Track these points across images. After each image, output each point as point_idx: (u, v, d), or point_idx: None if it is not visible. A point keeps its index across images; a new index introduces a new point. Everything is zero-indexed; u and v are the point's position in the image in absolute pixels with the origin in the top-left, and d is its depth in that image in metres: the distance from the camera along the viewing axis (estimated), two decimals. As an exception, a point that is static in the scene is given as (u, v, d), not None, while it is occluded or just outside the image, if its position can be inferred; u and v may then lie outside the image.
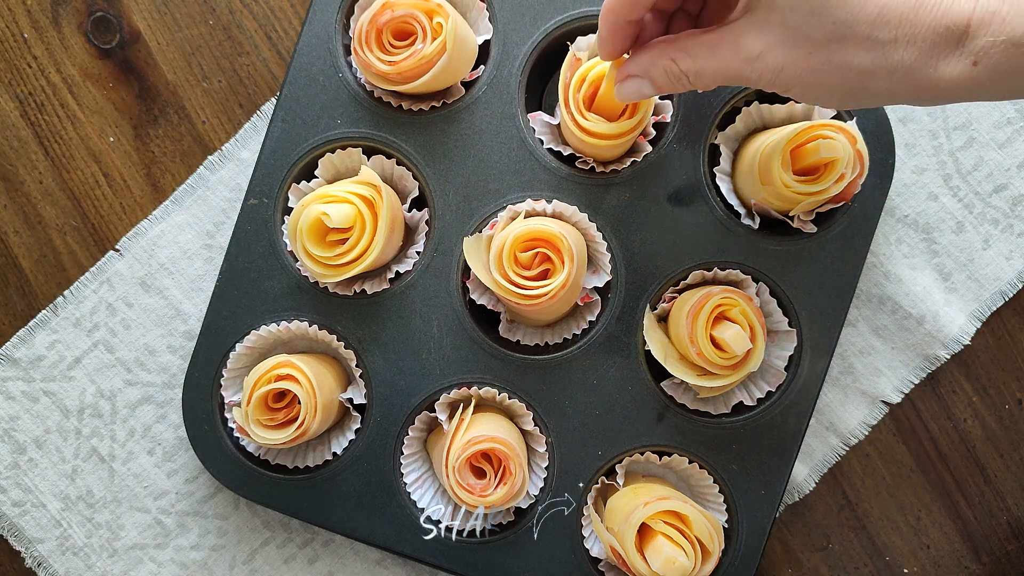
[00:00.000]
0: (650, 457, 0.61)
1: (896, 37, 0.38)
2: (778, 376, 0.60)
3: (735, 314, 0.56)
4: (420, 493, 0.61)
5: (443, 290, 0.60)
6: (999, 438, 0.66)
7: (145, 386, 0.65)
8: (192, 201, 0.65)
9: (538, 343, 0.61)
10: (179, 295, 0.65)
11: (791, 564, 0.66)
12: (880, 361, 0.65)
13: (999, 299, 0.65)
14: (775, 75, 0.41)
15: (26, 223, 0.66)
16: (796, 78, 0.40)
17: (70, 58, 0.66)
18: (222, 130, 0.66)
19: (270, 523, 0.65)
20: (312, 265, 0.56)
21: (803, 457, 0.65)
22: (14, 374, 0.65)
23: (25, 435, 0.65)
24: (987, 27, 0.37)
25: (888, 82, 0.39)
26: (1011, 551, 0.66)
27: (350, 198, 0.55)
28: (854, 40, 0.38)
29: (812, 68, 0.40)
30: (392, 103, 0.60)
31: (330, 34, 0.60)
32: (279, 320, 0.61)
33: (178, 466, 0.65)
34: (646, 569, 0.55)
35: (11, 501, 0.65)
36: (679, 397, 0.60)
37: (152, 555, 0.65)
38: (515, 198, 0.60)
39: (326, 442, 0.62)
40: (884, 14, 0.38)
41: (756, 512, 0.60)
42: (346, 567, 0.65)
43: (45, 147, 0.66)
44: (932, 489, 0.66)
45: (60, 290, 0.66)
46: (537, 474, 0.60)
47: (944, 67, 0.38)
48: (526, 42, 0.60)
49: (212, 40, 0.66)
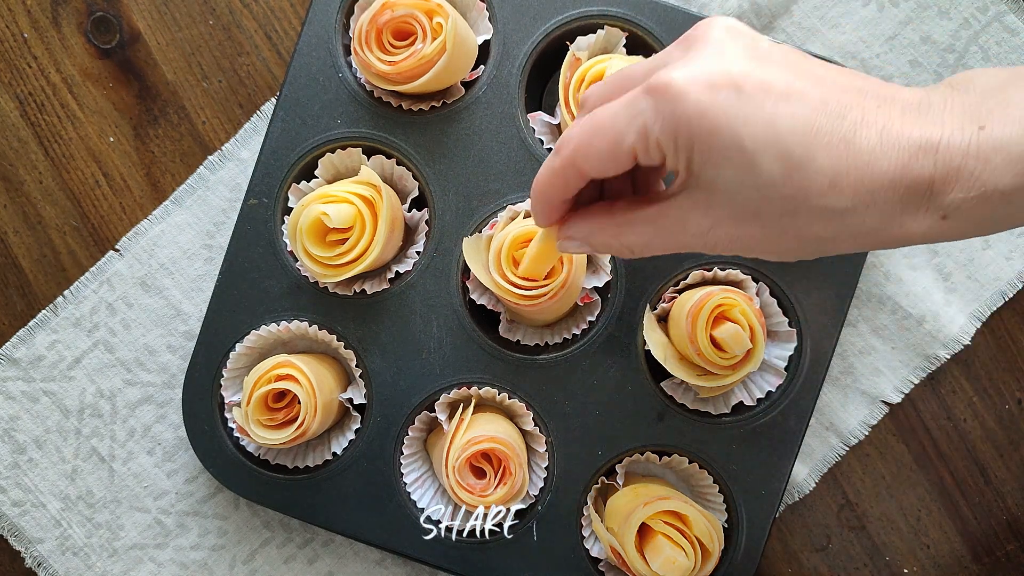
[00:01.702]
0: (650, 457, 0.61)
1: (854, 205, 0.35)
2: (778, 376, 0.60)
3: (735, 314, 0.56)
4: (420, 493, 0.61)
5: (443, 290, 0.60)
6: (999, 438, 0.66)
7: (145, 386, 0.65)
8: (192, 201, 0.65)
9: (538, 343, 0.61)
10: (179, 295, 0.65)
11: (791, 564, 0.66)
12: (880, 361, 0.65)
13: (999, 299, 0.65)
14: (728, 245, 0.39)
15: (26, 223, 0.66)
16: (751, 247, 0.38)
17: (70, 58, 0.66)
18: (222, 130, 0.66)
19: (270, 523, 0.65)
20: (312, 265, 0.56)
21: (803, 457, 0.65)
22: (14, 374, 0.65)
23: (25, 435, 0.65)
24: (954, 183, 0.34)
25: (851, 243, 0.37)
26: (1011, 551, 0.66)
27: (350, 198, 0.55)
28: (808, 213, 0.36)
29: (767, 238, 0.37)
30: (392, 103, 0.60)
31: (330, 34, 0.60)
32: (279, 320, 0.61)
33: (178, 466, 0.65)
34: (646, 569, 0.55)
35: (11, 501, 0.65)
36: (679, 397, 0.60)
37: (152, 555, 0.65)
38: (515, 198, 0.60)
39: (326, 442, 0.62)
40: (836, 183, 0.35)
41: (756, 512, 0.60)
42: (346, 567, 0.65)
43: (45, 147, 0.66)
44: (932, 489, 0.66)
45: (60, 290, 0.66)
46: (537, 474, 0.60)
47: (911, 223, 0.36)
48: (526, 42, 0.60)
49: (212, 40, 0.66)
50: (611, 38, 0.60)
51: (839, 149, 0.35)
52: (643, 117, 0.36)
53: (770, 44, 0.37)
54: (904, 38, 0.64)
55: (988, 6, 0.64)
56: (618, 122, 0.37)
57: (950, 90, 0.36)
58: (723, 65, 0.35)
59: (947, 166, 0.34)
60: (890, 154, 0.35)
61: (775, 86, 0.35)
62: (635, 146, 0.37)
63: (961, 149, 0.34)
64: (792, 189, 0.35)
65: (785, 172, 0.35)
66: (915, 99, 0.36)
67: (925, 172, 0.34)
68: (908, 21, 0.64)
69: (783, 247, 0.38)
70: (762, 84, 0.35)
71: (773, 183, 0.35)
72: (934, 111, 0.35)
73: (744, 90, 0.35)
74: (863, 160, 0.35)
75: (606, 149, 0.37)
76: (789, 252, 0.38)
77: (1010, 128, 0.34)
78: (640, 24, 0.60)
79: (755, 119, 0.35)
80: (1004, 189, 0.34)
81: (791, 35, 0.64)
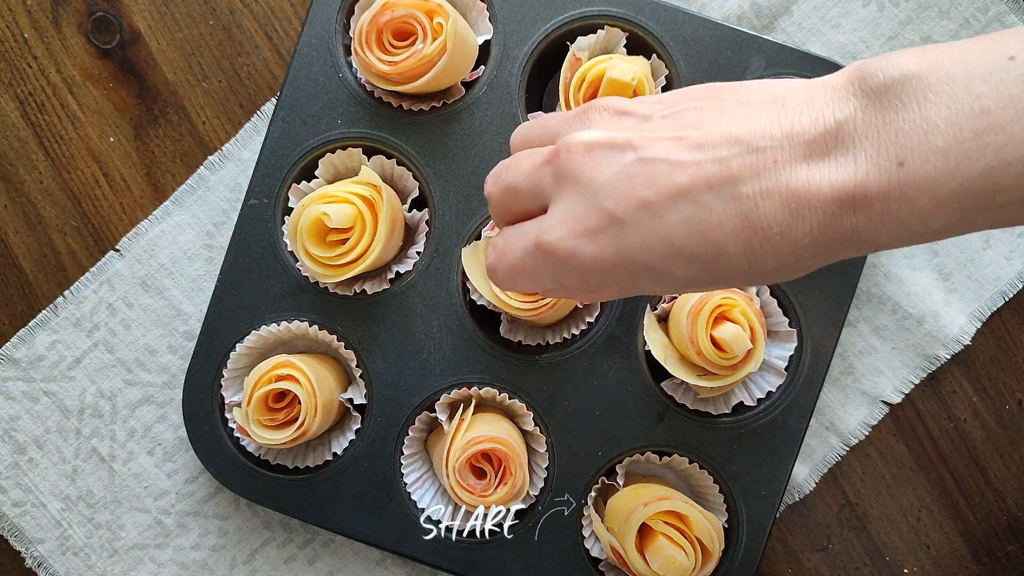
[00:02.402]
0: (650, 457, 0.61)
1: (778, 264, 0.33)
2: (778, 376, 0.60)
3: (735, 314, 0.56)
4: (420, 493, 0.61)
5: (443, 290, 0.60)
6: (999, 438, 0.66)
7: (145, 386, 0.65)
8: (192, 201, 0.65)
9: (539, 343, 0.61)
10: (179, 295, 0.65)
11: (791, 564, 0.66)
12: (880, 361, 0.65)
13: (999, 299, 0.65)
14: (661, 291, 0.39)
15: (26, 223, 0.66)
16: None
17: (70, 58, 0.66)
18: (222, 130, 0.66)
19: (270, 523, 0.65)
20: (312, 265, 0.56)
21: (803, 457, 0.65)
22: (14, 374, 0.65)
23: (25, 435, 0.65)
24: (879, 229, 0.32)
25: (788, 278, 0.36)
26: (1011, 551, 0.66)
27: (350, 198, 0.55)
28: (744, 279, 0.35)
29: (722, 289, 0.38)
30: (392, 103, 0.60)
31: (330, 34, 0.60)
32: (279, 320, 0.61)
33: (178, 466, 0.65)
34: (646, 569, 0.55)
35: (11, 501, 0.65)
36: (679, 397, 0.60)
37: (152, 555, 0.65)
38: (515, 198, 0.60)
39: (326, 442, 0.62)
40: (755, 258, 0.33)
41: (756, 512, 0.60)
42: (346, 567, 0.65)
43: (45, 147, 0.66)
44: (932, 489, 0.66)
45: (60, 290, 0.66)
46: (537, 474, 0.60)
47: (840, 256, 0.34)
48: (526, 42, 0.60)
49: (212, 40, 0.66)
50: (611, 38, 0.60)
51: (745, 233, 0.33)
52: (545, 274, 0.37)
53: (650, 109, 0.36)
54: (904, 38, 0.64)
55: (988, 6, 0.64)
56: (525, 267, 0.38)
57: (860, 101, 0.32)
58: (594, 203, 0.35)
59: (869, 213, 0.31)
60: (805, 217, 0.32)
61: (658, 191, 0.33)
62: (550, 291, 0.38)
63: (882, 193, 0.31)
64: (718, 276, 0.34)
65: (702, 269, 0.34)
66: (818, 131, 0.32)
67: (846, 226, 0.32)
68: (908, 21, 0.64)
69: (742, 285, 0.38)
70: (642, 203, 0.33)
71: (697, 280, 0.35)
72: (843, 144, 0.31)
73: (625, 222, 0.34)
74: (773, 234, 0.32)
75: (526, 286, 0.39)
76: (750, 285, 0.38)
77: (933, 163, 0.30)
78: (640, 24, 0.60)
79: (649, 242, 0.34)
80: (935, 230, 0.31)
81: (791, 35, 0.64)
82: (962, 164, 0.30)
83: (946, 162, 0.30)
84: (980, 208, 0.30)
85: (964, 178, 0.30)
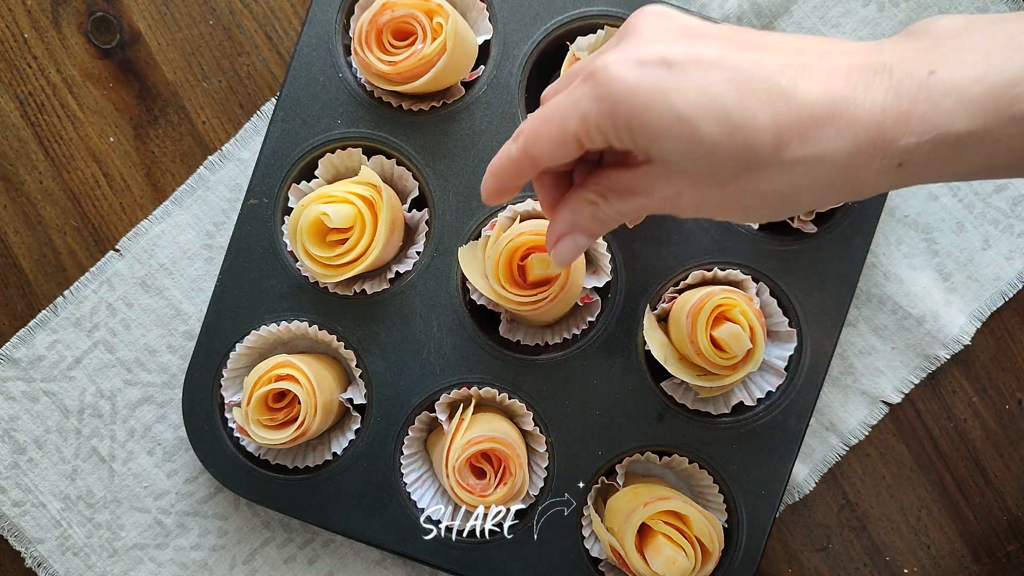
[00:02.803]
0: (650, 457, 0.61)
1: (804, 156, 0.35)
2: (778, 376, 0.60)
3: (735, 314, 0.56)
4: (420, 493, 0.61)
5: (443, 290, 0.60)
6: (999, 438, 0.66)
7: (145, 386, 0.65)
8: (192, 201, 0.65)
9: (538, 343, 0.61)
10: (179, 295, 0.65)
11: (791, 564, 0.66)
12: (880, 361, 0.65)
13: (999, 299, 0.65)
14: (696, 210, 0.39)
15: (26, 223, 0.66)
16: (718, 210, 0.39)
17: (70, 58, 0.66)
18: (222, 130, 0.66)
19: (270, 523, 0.65)
20: (312, 265, 0.56)
21: (803, 457, 0.65)
22: (14, 374, 0.65)
23: (25, 435, 0.65)
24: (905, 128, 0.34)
25: (813, 198, 0.37)
26: (1011, 551, 0.66)
27: (350, 198, 0.55)
28: (761, 170, 0.36)
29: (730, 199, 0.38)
30: (392, 103, 0.60)
31: (330, 34, 0.60)
32: (279, 320, 0.61)
33: (178, 466, 0.65)
34: (646, 569, 0.55)
35: (11, 501, 0.65)
36: (679, 397, 0.60)
37: (152, 555, 0.65)
38: (515, 198, 0.60)
39: (326, 442, 0.62)
40: (781, 137, 0.35)
41: (756, 512, 0.60)
42: (346, 567, 0.65)
43: (45, 147, 0.66)
44: (932, 489, 0.66)
45: (60, 290, 0.66)
46: (537, 474, 0.60)
47: (866, 173, 0.35)
48: (526, 42, 0.60)
49: (212, 40, 0.66)
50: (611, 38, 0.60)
51: (779, 104, 0.35)
52: (582, 103, 0.37)
53: (701, 23, 0.38)
54: (904, 38, 0.64)
55: (988, 6, 0.64)
56: (561, 110, 0.38)
57: (904, 38, 0.36)
58: (652, 44, 0.36)
59: (896, 110, 0.34)
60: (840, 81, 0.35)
61: (706, 56, 0.36)
62: (578, 131, 0.38)
63: (910, 94, 0.34)
64: (738, 149, 0.35)
65: (727, 133, 0.35)
66: (863, 49, 0.36)
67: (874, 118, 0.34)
68: (908, 21, 0.64)
69: (748, 207, 0.38)
70: (692, 56, 0.36)
71: (718, 145, 0.36)
72: (883, 58, 0.35)
73: (674, 64, 0.35)
74: (806, 112, 0.35)
75: (553, 136, 0.39)
76: (756, 212, 0.39)
77: (963, 71, 0.34)
78: (640, 24, 0.59)
79: (688, 87, 0.35)
80: (958, 133, 0.34)
81: (791, 35, 0.64)
82: (989, 73, 0.34)
83: (975, 70, 0.34)
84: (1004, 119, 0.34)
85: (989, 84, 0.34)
